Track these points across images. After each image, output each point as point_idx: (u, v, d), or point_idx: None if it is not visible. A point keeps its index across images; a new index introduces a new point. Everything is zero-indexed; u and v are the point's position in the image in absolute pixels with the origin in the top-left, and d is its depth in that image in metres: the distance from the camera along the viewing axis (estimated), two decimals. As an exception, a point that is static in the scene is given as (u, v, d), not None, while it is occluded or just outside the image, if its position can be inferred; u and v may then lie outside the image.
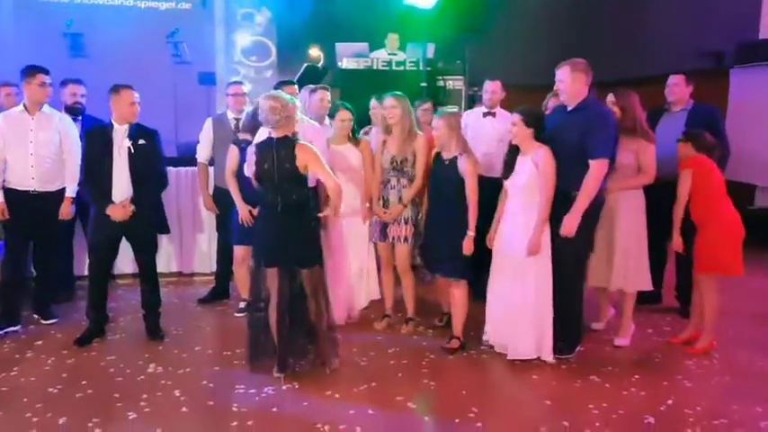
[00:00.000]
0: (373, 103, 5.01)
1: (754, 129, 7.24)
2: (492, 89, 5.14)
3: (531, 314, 3.91)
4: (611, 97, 4.26)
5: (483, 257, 4.13)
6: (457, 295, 4.18)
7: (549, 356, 3.96)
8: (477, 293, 4.24)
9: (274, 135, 3.65)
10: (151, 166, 4.19)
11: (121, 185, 4.10)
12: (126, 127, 4.12)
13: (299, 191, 3.66)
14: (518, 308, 3.92)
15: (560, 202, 3.93)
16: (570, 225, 3.86)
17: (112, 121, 4.13)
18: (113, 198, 4.08)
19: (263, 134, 4.37)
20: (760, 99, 7.59)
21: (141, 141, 4.13)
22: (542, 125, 3.98)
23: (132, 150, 4.09)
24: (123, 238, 4.25)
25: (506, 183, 4.05)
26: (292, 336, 3.70)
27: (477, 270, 4.17)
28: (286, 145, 3.61)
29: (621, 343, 4.34)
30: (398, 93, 4.43)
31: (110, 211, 4.05)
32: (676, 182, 4.25)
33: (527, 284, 3.91)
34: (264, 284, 3.70)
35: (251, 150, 3.70)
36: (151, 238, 4.33)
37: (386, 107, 4.40)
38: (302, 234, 3.68)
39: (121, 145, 4.09)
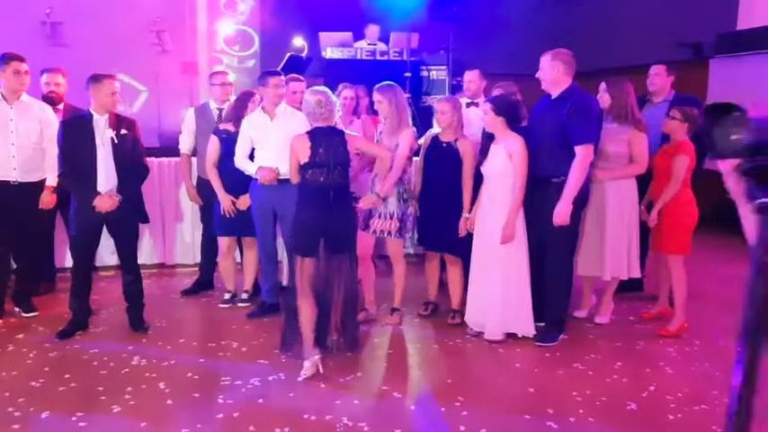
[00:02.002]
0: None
1: (733, 119, 7.33)
2: (469, 78, 5.14)
3: (502, 297, 4.02)
4: (603, 85, 4.31)
5: None
6: (453, 272, 4.38)
7: (529, 332, 4.09)
8: None
9: (323, 125, 3.80)
10: (134, 156, 4.14)
11: (107, 176, 4.03)
12: (106, 117, 4.05)
13: (345, 175, 3.83)
14: (492, 290, 4.04)
15: (541, 189, 3.97)
16: (563, 213, 3.91)
17: (91, 111, 4.05)
18: (99, 189, 4.02)
19: (257, 125, 4.38)
20: (739, 89, 7.68)
21: (123, 131, 4.07)
22: (516, 114, 4.06)
23: (116, 141, 4.04)
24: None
25: (482, 169, 4.13)
26: (322, 324, 3.82)
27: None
28: (337, 133, 3.83)
29: (602, 321, 4.51)
30: (387, 83, 4.38)
31: (97, 201, 3.99)
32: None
33: (501, 268, 4.02)
34: (300, 273, 3.71)
35: (302, 138, 3.75)
36: (134, 229, 4.28)
37: (374, 100, 4.37)
38: (347, 219, 3.84)
39: (104, 135, 4.02)
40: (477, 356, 3.99)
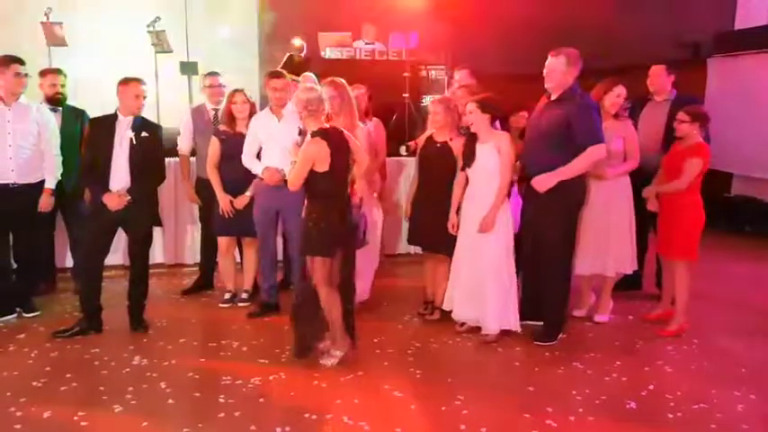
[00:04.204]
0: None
1: (730, 118, 7.37)
2: (459, 77, 5.14)
3: (494, 292, 4.04)
4: (623, 90, 4.29)
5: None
6: (442, 271, 4.39)
7: (516, 327, 4.11)
8: None
9: (322, 125, 3.62)
10: (151, 160, 4.19)
11: (119, 175, 4.08)
12: (130, 119, 4.12)
13: None
14: (483, 287, 4.06)
15: (534, 189, 3.99)
16: (545, 183, 3.92)
17: (117, 112, 4.13)
18: (110, 187, 4.07)
19: (264, 125, 4.37)
20: (736, 88, 7.73)
21: (144, 134, 4.13)
22: (500, 112, 4.07)
23: (134, 142, 4.09)
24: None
25: (468, 171, 4.13)
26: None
27: None
28: (340, 133, 3.68)
29: (601, 319, 4.52)
30: (336, 79, 4.22)
31: (105, 199, 4.03)
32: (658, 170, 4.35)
33: (490, 264, 4.04)
34: (323, 270, 3.65)
35: (321, 145, 3.53)
36: (147, 231, 4.30)
37: (327, 96, 4.08)
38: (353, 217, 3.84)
39: (124, 136, 4.09)
40: (476, 355, 4.01)
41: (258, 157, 4.45)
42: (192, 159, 5.17)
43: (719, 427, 3.14)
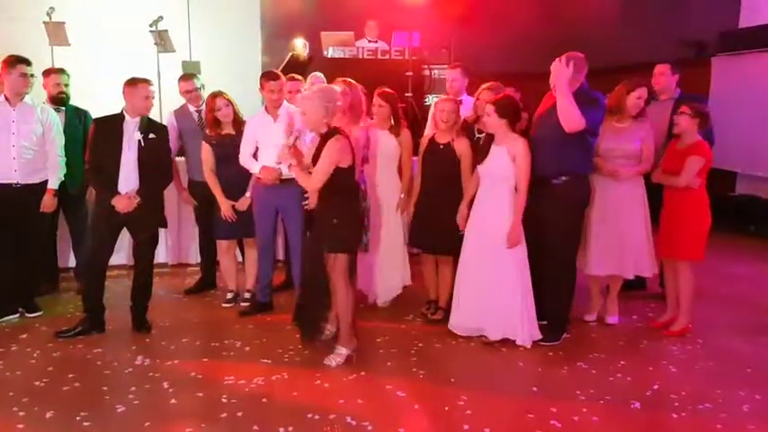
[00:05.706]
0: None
1: (735, 116, 7.34)
2: (452, 77, 5.11)
3: (501, 298, 3.99)
4: (644, 92, 4.25)
5: None
6: (445, 271, 4.43)
7: (525, 342, 4.01)
8: None
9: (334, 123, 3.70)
10: (158, 161, 4.17)
11: (128, 177, 4.07)
12: (137, 120, 4.09)
13: None
14: (489, 292, 4.01)
15: (540, 189, 3.97)
16: (557, 72, 3.87)
17: (123, 113, 4.10)
18: (119, 189, 4.05)
19: (261, 125, 4.38)
20: (741, 87, 7.70)
21: (151, 135, 4.11)
22: (518, 115, 4.03)
23: (142, 143, 4.07)
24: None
25: (479, 169, 4.10)
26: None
27: None
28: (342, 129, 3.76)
29: (613, 321, 4.50)
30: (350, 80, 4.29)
31: (115, 201, 4.02)
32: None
33: (498, 269, 3.99)
34: (345, 266, 3.71)
35: (345, 145, 3.61)
36: (153, 233, 4.29)
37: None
38: None
39: (132, 137, 4.06)
40: (480, 355, 3.99)
41: (255, 156, 4.45)
42: (181, 160, 5.14)
43: (725, 427, 3.12)
